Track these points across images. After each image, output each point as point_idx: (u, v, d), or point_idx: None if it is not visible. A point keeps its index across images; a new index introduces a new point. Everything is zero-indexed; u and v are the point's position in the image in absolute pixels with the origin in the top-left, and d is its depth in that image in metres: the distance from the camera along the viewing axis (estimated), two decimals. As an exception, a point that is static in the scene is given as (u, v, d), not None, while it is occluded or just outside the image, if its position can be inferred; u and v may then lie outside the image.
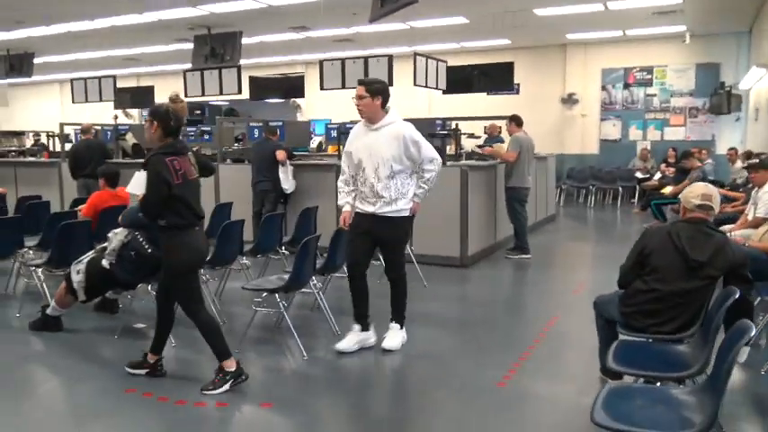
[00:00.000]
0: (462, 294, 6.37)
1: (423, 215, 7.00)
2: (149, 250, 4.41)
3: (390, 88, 4.31)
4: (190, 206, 3.65)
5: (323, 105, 14.69)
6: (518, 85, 12.22)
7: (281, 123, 8.99)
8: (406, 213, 4.33)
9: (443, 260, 6.98)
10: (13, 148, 11.54)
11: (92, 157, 8.09)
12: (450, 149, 9.80)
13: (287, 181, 7.65)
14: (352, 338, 4.38)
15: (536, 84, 13.59)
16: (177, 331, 4.17)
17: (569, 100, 13.60)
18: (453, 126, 8.50)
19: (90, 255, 4.67)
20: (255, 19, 9.86)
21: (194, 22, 10.12)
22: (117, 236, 4.54)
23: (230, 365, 3.71)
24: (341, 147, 7.06)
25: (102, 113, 13.68)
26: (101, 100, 10.35)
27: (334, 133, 10.73)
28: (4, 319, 5.18)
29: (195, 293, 3.82)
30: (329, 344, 4.51)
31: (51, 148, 11.89)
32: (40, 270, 5.13)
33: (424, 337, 4.80)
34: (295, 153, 8.37)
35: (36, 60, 11.98)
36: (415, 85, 8.60)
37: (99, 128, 9.72)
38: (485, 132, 11.08)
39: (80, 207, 6.02)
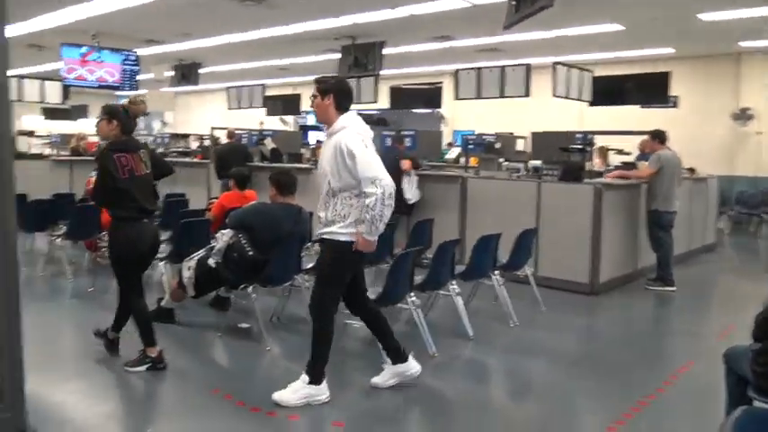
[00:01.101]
0: (584, 325, 5.80)
1: (550, 234, 6.68)
2: (250, 253, 4.49)
3: (528, 99, 3.78)
4: (134, 200, 3.89)
5: (468, 116, 14.47)
6: (676, 97, 11.05)
7: (412, 133, 8.90)
8: (342, 239, 3.50)
9: (570, 285, 6.42)
10: (179, 149, 12.60)
11: (234, 159, 8.57)
12: (595, 165, 9.12)
13: (410, 191, 7.51)
14: (387, 372, 3.92)
15: (701, 96, 12.24)
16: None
17: (743, 115, 12.07)
18: (592, 140, 7.83)
19: (200, 253, 4.85)
20: (398, 29, 9.88)
21: (340, 33, 10.37)
22: (223, 237, 4.67)
23: (152, 352, 4.03)
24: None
25: (259, 119, 14.57)
26: (251, 106, 10.97)
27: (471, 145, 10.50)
28: (81, 288, 5.54)
29: (136, 283, 4.08)
30: (424, 364, 4.27)
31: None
32: (162, 263, 5.44)
33: (531, 369, 4.40)
34: (424, 163, 8.24)
35: (202, 70, 13.05)
36: (554, 96, 8.09)
37: (244, 132, 10.24)
38: (639, 148, 10.17)
39: (210, 205, 6.37)
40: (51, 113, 15.46)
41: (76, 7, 8.83)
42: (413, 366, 3.88)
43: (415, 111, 13.83)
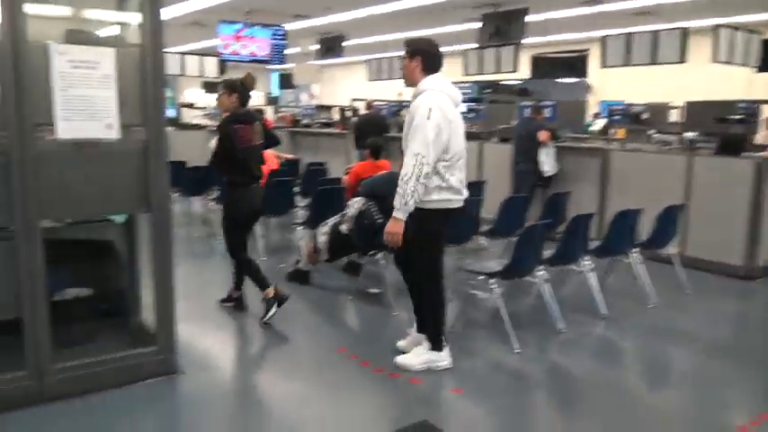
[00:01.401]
0: (734, 312, 5.31)
1: (700, 211, 6.15)
2: (380, 221, 4.59)
3: (683, 65, 3.42)
4: (248, 167, 4.30)
5: (617, 85, 13.61)
6: None
7: (553, 103, 8.56)
8: (429, 206, 3.40)
9: (721, 268, 5.90)
10: (322, 121, 13.12)
11: (371, 129, 8.77)
12: (760, 138, 8.25)
13: (548, 163, 7.26)
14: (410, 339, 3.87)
15: None
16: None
17: None
18: (757, 110, 7.06)
19: (334, 219, 5.06)
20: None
21: (481, 1, 10.15)
22: (355, 204, 4.82)
23: (270, 293, 4.29)
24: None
25: (398, 90, 14.74)
26: (390, 78, 11.11)
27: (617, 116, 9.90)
28: (273, 267, 5.93)
29: (243, 240, 4.43)
30: (546, 341, 4.19)
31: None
32: (300, 228, 5.75)
33: (667, 354, 4.13)
34: (565, 134, 7.91)
35: (345, 43, 13.40)
36: (714, 61, 7.39)
37: (383, 103, 10.41)
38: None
39: (346, 173, 6.60)
40: (210, 87, 16.68)
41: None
42: (445, 357, 3.70)
43: (559, 80, 13.25)
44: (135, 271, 3.90)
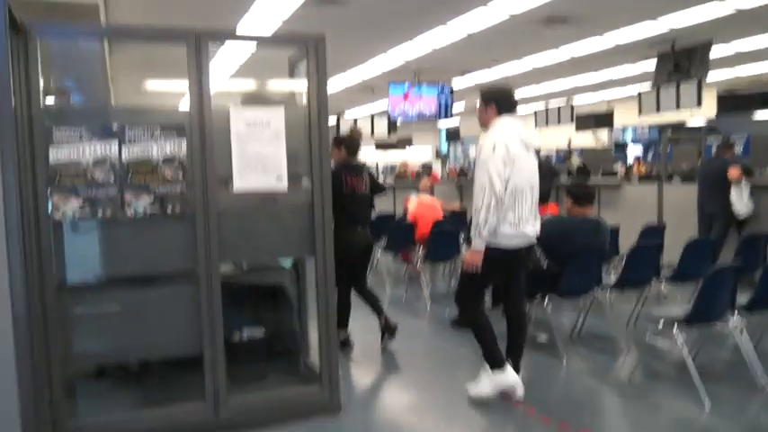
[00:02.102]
0: None
1: None
2: (545, 265, 4.43)
3: None
4: (352, 212, 4.69)
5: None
6: None
7: (745, 136, 7.75)
8: (502, 241, 3.59)
9: None
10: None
11: (542, 175, 8.57)
12: None
13: (740, 203, 6.52)
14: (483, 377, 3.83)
15: None
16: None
17: None
18: None
19: (497, 264, 4.96)
20: (726, 24, 8.74)
21: (655, 41, 9.61)
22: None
23: (342, 334, 4.60)
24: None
25: (568, 135, 14.32)
26: (559, 124, 10.86)
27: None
28: (438, 315, 5.92)
29: (344, 274, 4.48)
30: (743, 398, 3.66)
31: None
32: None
33: None
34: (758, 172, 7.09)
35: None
36: None
37: (551, 151, 10.15)
38: None
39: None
40: (382, 145, 17.57)
41: (401, 48, 9.92)
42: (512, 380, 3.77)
43: (756, 118, 12.02)
44: (303, 313, 4.11)
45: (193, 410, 3.33)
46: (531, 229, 3.70)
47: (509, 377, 3.72)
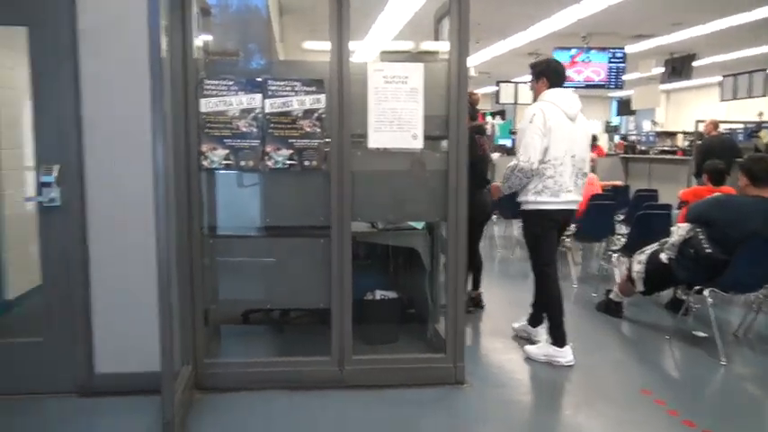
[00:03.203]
0: None
1: None
2: (708, 250, 3.93)
3: None
4: (482, 174, 4.66)
5: None
6: None
7: None
8: (526, 207, 3.85)
9: None
10: (662, 148, 12.04)
11: (717, 153, 7.68)
12: None
13: None
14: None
15: None
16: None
17: None
18: None
19: (653, 247, 4.50)
20: None
21: None
22: (679, 230, 4.21)
23: (472, 294, 4.84)
24: None
25: (759, 109, 12.65)
26: (749, 96, 9.59)
27: None
28: (585, 296, 5.56)
29: (473, 236, 4.40)
30: None
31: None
32: (615, 255, 5.27)
33: None
34: None
35: (696, 63, 12.07)
36: None
37: (738, 125, 9.05)
38: None
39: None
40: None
41: (568, 10, 9.28)
42: (539, 334, 4.12)
43: None
44: (435, 279, 4.03)
45: (318, 364, 3.40)
46: (572, 197, 3.82)
47: (567, 356, 3.84)
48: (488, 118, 13.25)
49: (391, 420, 3.09)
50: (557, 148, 3.71)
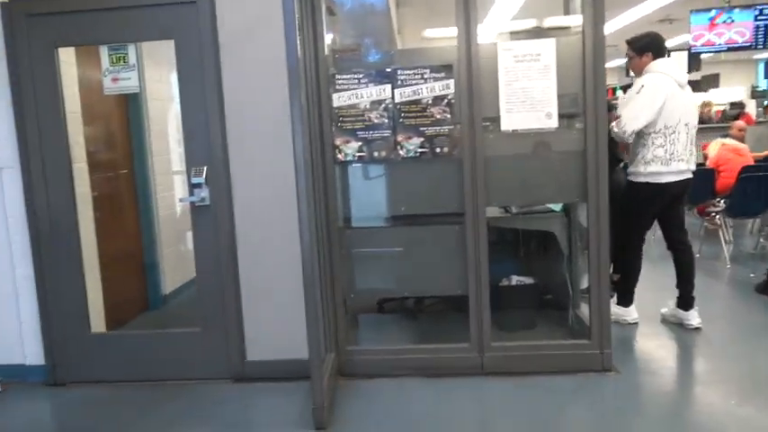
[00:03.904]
0: None
1: None
2: None
3: None
4: (613, 150, 3.91)
5: None
6: None
7: None
8: (636, 179, 3.79)
9: None
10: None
11: None
12: None
13: None
14: (669, 309, 4.11)
15: None
16: None
17: None
18: None
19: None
20: None
21: None
22: None
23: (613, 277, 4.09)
24: None
25: None
26: None
27: None
28: (740, 277, 5.12)
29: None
30: None
31: None
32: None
33: None
34: None
35: None
36: None
37: None
38: None
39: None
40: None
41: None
42: (692, 318, 3.92)
43: None
44: (574, 262, 3.88)
45: (457, 351, 3.39)
46: (685, 165, 3.78)
47: (629, 316, 4.05)
48: (618, 93, 12.53)
49: (536, 408, 3.01)
50: (671, 117, 3.70)
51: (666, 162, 3.73)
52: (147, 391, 3.44)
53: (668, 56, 3.84)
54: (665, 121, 3.69)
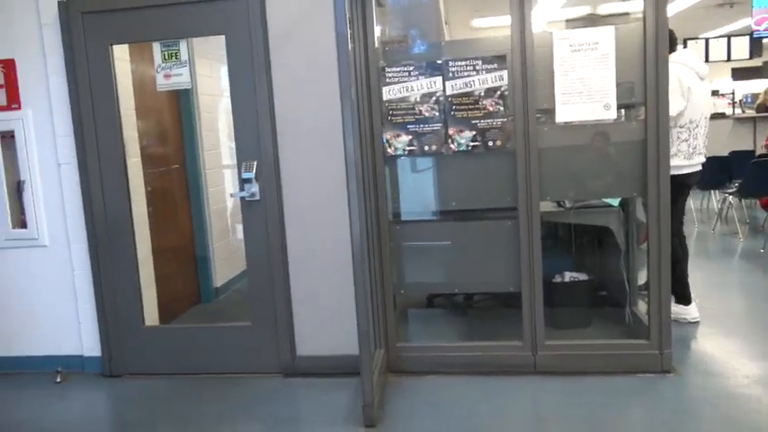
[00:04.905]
0: None
1: None
2: None
3: None
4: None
5: None
6: None
7: None
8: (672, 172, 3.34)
9: None
10: None
11: None
12: None
13: None
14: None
15: None
16: None
17: None
18: None
19: None
20: None
21: None
22: None
23: None
24: None
25: None
26: None
27: None
28: (752, 249, 4.88)
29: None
30: None
31: None
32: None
33: None
34: None
35: None
36: None
37: None
38: None
39: None
40: (741, 73, 14.93)
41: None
42: (692, 311, 3.92)
43: None
44: (630, 259, 3.74)
45: (510, 349, 3.32)
46: (703, 158, 3.83)
47: (690, 315, 3.91)
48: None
49: (591, 409, 2.91)
50: (694, 111, 3.71)
51: (689, 156, 3.76)
52: (199, 384, 3.48)
53: (684, 46, 3.65)
54: (690, 115, 3.71)
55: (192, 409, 3.22)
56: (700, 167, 3.86)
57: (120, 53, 3.65)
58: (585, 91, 3.05)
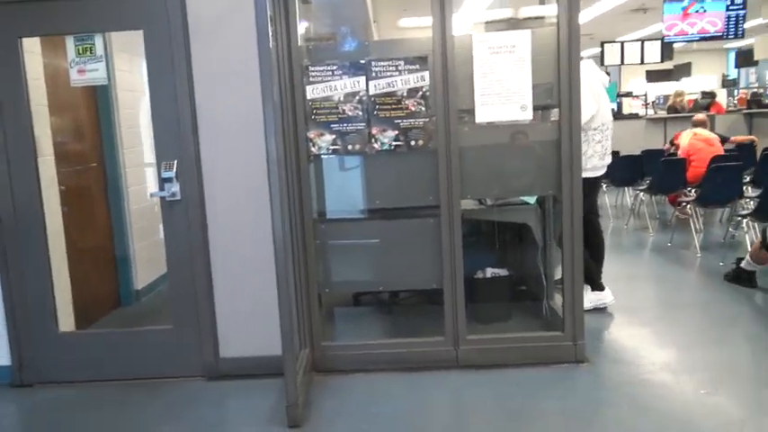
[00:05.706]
0: None
1: None
2: None
3: None
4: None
5: None
6: None
7: None
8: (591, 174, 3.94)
9: None
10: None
11: None
12: None
13: None
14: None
15: None
16: None
17: None
18: None
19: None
20: None
21: None
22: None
23: None
24: None
25: None
26: None
27: None
28: (710, 266, 5.20)
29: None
30: None
31: None
32: (746, 221, 4.88)
33: None
34: None
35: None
36: None
37: None
38: None
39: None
40: (654, 75, 15.74)
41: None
42: (608, 296, 4.17)
43: None
44: (548, 254, 3.89)
45: (433, 345, 3.39)
46: (609, 159, 4.12)
47: (607, 299, 4.17)
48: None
49: (511, 400, 3.02)
50: (605, 114, 4.00)
51: (602, 156, 4.04)
52: (119, 391, 3.37)
53: (602, 49, 3.93)
54: (601, 119, 3.96)
55: (111, 417, 3.12)
56: (605, 170, 4.17)
57: (31, 46, 3.48)
58: (503, 92, 3.14)
